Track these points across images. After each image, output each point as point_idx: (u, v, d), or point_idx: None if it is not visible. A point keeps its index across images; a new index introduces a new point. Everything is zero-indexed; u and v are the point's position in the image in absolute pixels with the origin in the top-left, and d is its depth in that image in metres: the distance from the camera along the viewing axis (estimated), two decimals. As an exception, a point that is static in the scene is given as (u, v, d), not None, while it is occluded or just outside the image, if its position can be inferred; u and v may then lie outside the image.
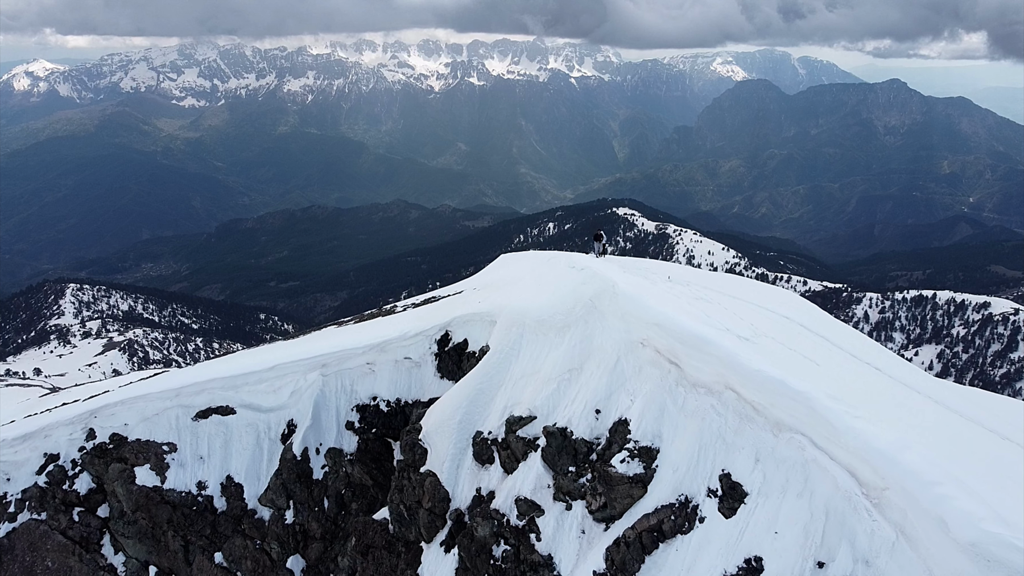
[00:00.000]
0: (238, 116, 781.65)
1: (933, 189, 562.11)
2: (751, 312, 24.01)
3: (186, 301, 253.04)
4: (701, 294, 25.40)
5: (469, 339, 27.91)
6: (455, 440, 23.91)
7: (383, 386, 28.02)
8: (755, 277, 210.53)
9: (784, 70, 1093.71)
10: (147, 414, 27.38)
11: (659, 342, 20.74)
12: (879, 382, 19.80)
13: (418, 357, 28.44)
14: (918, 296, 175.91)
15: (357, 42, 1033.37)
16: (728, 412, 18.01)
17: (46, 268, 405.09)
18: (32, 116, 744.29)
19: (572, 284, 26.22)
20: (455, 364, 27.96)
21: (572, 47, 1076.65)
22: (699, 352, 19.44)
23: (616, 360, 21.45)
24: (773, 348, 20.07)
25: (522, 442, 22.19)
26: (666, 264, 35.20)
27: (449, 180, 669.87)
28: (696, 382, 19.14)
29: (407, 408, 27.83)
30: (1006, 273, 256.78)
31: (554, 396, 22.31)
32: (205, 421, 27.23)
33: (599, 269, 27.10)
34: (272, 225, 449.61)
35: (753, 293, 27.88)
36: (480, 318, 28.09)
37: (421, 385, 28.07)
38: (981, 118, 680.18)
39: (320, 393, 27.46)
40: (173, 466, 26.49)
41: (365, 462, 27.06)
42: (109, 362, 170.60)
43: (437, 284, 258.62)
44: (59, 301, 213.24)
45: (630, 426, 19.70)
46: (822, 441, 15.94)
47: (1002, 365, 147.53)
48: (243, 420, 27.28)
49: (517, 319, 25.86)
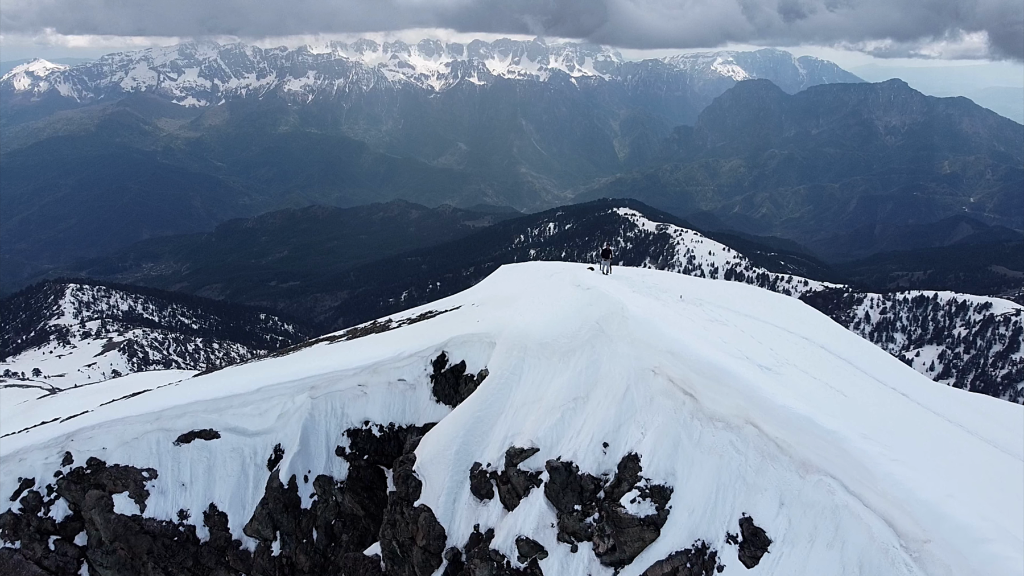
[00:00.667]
0: (238, 116, 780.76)
1: (934, 189, 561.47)
2: (769, 335, 22.40)
3: (186, 301, 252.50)
4: (716, 315, 23.78)
5: (467, 361, 26.37)
6: (451, 472, 22.34)
7: (376, 410, 26.42)
8: (756, 277, 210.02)
9: (785, 70, 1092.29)
10: (126, 438, 25.79)
11: (672, 370, 19.18)
12: (911, 414, 18.25)
13: (413, 379, 26.84)
14: (919, 297, 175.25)
15: (358, 42, 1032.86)
16: (749, 449, 16.46)
17: (46, 268, 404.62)
18: (32, 116, 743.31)
19: (577, 305, 24.64)
20: (452, 388, 26.38)
21: (573, 47, 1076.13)
22: (717, 383, 17.84)
23: (625, 389, 19.88)
24: (796, 378, 18.52)
25: (524, 476, 20.62)
26: (676, 277, 33.60)
27: (449, 180, 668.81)
28: (713, 415, 17.56)
29: (401, 433, 26.23)
30: (1007, 273, 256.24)
31: (558, 427, 20.73)
32: (187, 445, 25.69)
33: (606, 289, 25.43)
34: (272, 225, 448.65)
35: (768, 310, 26.31)
36: (478, 339, 26.57)
37: (416, 409, 26.46)
38: (982, 118, 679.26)
39: (309, 417, 25.88)
40: (153, 493, 24.97)
41: (356, 491, 25.48)
42: (109, 362, 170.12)
43: (437, 284, 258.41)
44: (59, 301, 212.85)
45: (641, 462, 18.12)
46: (855, 485, 14.40)
47: (1003, 366, 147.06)
48: (227, 444, 25.72)
49: (518, 341, 24.30)
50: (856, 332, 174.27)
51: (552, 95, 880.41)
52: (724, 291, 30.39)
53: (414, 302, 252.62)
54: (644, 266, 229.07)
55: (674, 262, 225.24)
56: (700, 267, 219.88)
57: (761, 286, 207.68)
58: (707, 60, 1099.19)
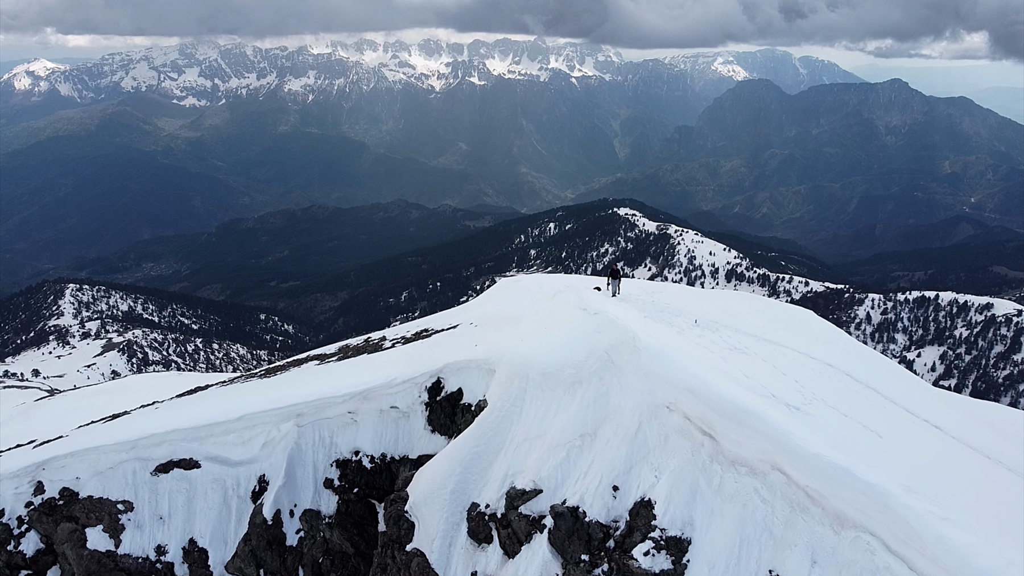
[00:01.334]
0: (239, 116, 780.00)
1: (934, 189, 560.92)
2: (793, 363, 20.83)
3: (186, 301, 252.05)
4: (734, 341, 22.12)
5: (464, 389, 24.56)
6: (447, 513, 20.62)
7: (366, 439, 24.65)
8: (756, 278, 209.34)
9: (785, 70, 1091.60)
10: (100, 468, 24.05)
11: (689, 407, 17.55)
12: (950, 454, 16.68)
13: (406, 407, 25.01)
14: (920, 297, 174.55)
15: (358, 42, 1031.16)
16: (776, 499, 14.86)
17: (46, 268, 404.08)
18: (33, 115, 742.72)
19: (584, 331, 22.82)
20: (448, 417, 24.57)
21: (573, 47, 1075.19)
22: (740, 425, 16.21)
23: (637, 426, 18.25)
24: (827, 418, 16.93)
25: (525, 520, 18.88)
26: (686, 292, 32.13)
27: (450, 180, 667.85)
28: (736, 459, 15.93)
29: (394, 465, 24.45)
30: (1008, 274, 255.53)
31: (563, 466, 19.03)
32: (166, 476, 23.96)
33: (615, 314, 23.57)
34: (273, 225, 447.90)
35: (786, 331, 24.81)
36: (477, 366, 24.73)
37: (409, 439, 24.69)
38: (983, 118, 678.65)
39: (295, 446, 24.15)
40: (129, 527, 23.19)
41: (345, 526, 23.70)
42: (108, 363, 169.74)
43: (437, 284, 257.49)
44: (58, 301, 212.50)
45: (655, 509, 16.47)
46: (898, 545, 12.88)
47: (1005, 367, 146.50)
48: (208, 475, 23.98)
49: (519, 370, 22.55)
50: (857, 333, 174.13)
51: (552, 95, 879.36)
52: (738, 307, 28.77)
53: (414, 302, 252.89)
54: (644, 267, 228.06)
55: (675, 262, 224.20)
56: (700, 267, 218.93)
57: (762, 286, 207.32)
58: (708, 60, 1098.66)
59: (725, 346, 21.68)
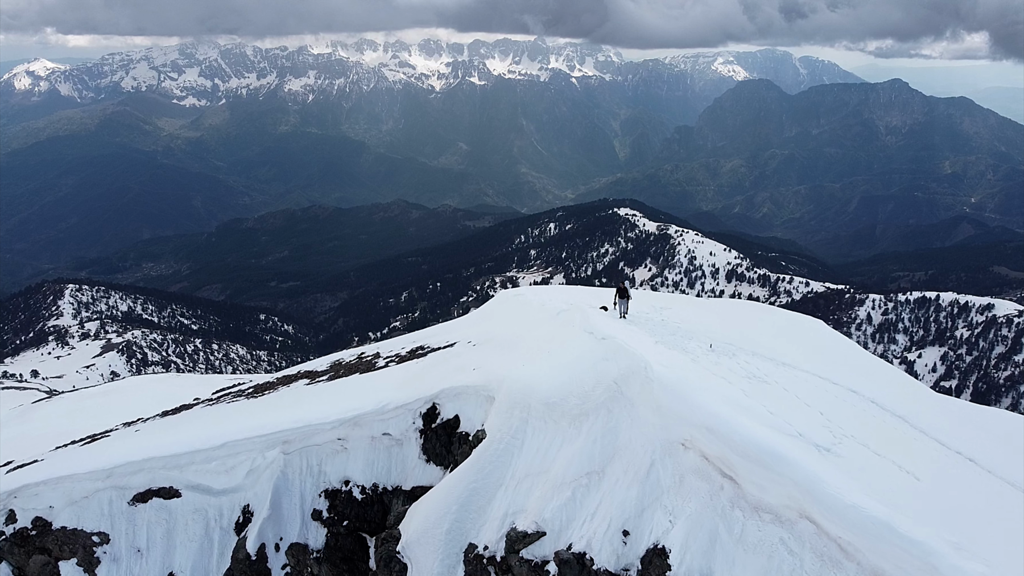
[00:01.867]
0: (239, 116, 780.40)
1: (935, 189, 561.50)
2: (816, 392, 19.43)
3: (186, 302, 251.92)
4: (753, 367, 20.65)
5: (461, 416, 23.02)
6: (442, 555, 19.10)
7: (357, 468, 23.17)
8: (757, 278, 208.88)
9: (785, 70, 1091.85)
10: (74, 496, 22.59)
11: (707, 446, 16.10)
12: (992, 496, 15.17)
13: (399, 434, 23.44)
14: (921, 298, 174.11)
15: (358, 42, 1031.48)
16: (805, 551, 13.44)
17: (46, 268, 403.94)
18: (33, 115, 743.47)
19: (591, 358, 21.28)
20: (444, 446, 23.06)
21: (573, 47, 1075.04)
22: (764, 468, 14.76)
23: (650, 465, 16.75)
24: (859, 459, 15.54)
25: (527, 566, 17.35)
26: (697, 308, 30.74)
27: (450, 180, 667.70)
28: (759, 505, 14.51)
29: (386, 496, 22.96)
30: (1009, 274, 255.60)
31: (568, 507, 17.56)
32: (144, 506, 22.47)
33: (625, 340, 21.95)
34: (273, 225, 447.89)
35: (800, 348, 23.47)
36: (475, 392, 23.12)
37: (403, 468, 23.21)
38: (983, 118, 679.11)
39: (281, 475, 22.69)
40: (105, 561, 21.68)
41: (335, 561, 22.15)
42: (107, 364, 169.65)
43: (437, 284, 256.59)
44: (58, 302, 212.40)
45: (670, 558, 14.98)
46: (949, 612, 11.40)
47: (1006, 368, 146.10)
48: (190, 505, 22.51)
49: (520, 399, 21.06)
50: (858, 334, 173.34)
51: (553, 95, 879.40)
52: (750, 322, 27.35)
53: (414, 302, 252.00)
54: (645, 267, 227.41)
55: (675, 263, 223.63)
56: (701, 268, 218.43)
57: (762, 287, 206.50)
58: (708, 60, 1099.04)
59: (744, 374, 20.26)
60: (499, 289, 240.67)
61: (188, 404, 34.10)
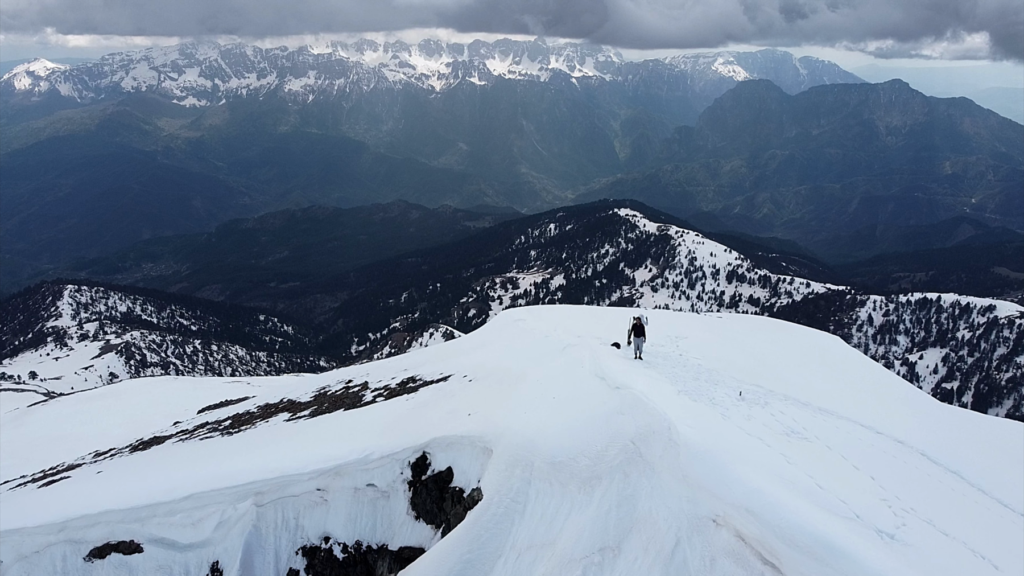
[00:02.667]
0: (239, 116, 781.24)
1: (935, 190, 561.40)
2: (860, 446, 18.15)
3: (185, 302, 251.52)
4: (788, 420, 19.08)
5: (455, 469, 20.79)
6: (433, 637, 17.22)
7: (338, 522, 21.27)
8: (757, 279, 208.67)
9: (786, 70, 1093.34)
10: (24, 551, 20.86)
11: (744, 525, 14.09)
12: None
13: (385, 485, 21.45)
14: (922, 299, 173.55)
15: (358, 42, 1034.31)
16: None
17: (46, 268, 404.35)
18: (33, 115, 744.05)
19: (604, 410, 18.89)
20: (435, 503, 20.85)
21: (573, 47, 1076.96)
22: (819, 564, 12.74)
23: (675, 543, 14.62)
24: (927, 545, 13.91)
25: (530, 656, 15.40)
26: (713, 333, 29.12)
27: (450, 180, 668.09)
28: None
29: (370, 556, 20.78)
30: (1010, 275, 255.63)
31: (579, 589, 15.62)
32: (101, 562, 20.58)
33: (643, 391, 19.39)
34: (272, 225, 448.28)
35: (830, 381, 22.81)
36: (470, 442, 20.74)
37: (389, 524, 21.18)
38: (983, 118, 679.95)
39: (254, 529, 20.98)
40: (58, 624, 20.05)
41: (313, 629, 20.41)
42: (106, 365, 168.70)
43: (437, 285, 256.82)
44: (57, 302, 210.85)
45: (703, 664, 13.22)
46: None
47: (1008, 369, 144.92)
48: (152, 561, 20.60)
49: (522, 455, 18.80)
50: (859, 335, 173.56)
51: (553, 95, 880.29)
52: (770, 345, 26.74)
53: (414, 303, 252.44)
54: (645, 268, 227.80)
55: (675, 263, 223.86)
56: (701, 268, 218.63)
57: (763, 288, 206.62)
58: (708, 60, 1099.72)
59: (781, 429, 18.31)
60: (499, 290, 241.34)
61: (160, 437, 32.40)
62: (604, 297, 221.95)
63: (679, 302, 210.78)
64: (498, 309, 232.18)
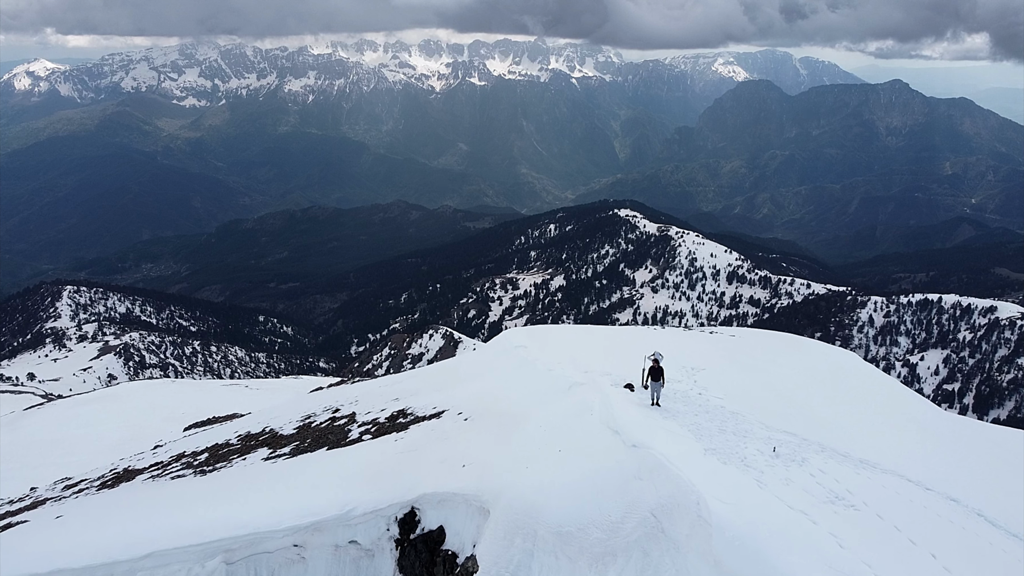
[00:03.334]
0: (239, 116, 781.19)
1: (935, 190, 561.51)
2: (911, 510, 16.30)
3: (184, 303, 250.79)
4: (830, 481, 16.92)
5: (447, 529, 18.67)
6: None
7: None
8: (758, 280, 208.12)
9: (786, 70, 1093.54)
10: None
11: None
12: None
13: (370, 543, 19.24)
14: (923, 300, 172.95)
15: (358, 42, 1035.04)
16: None
17: (46, 268, 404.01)
18: (33, 116, 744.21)
19: (619, 474, 16.62)
20: (424, 567, 18.67)
21: (573, 47, 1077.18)
22: None
23: None
24: None
25: None
26: (737, 363, 27.67)
27: (450, 180, 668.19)
28: None
29: None
30: (1010, 276, 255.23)
31: None
32: None
33: (664, 451, 16.95)
34: (272, 226, 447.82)
35: (863, 420, 21.98)
36: (464, 500, 18.55)
37: None
38: (983, 119, 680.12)
39: None
40: None
41: None
42: (105, 366, 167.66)
43: (437, 286, 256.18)
44: (55, 303, 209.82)
45: None
46: None
47: (1009, 370, 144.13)
48: None
49: (524, 521, 16.53)
50: (860, 336, 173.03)
51: (553, 95, 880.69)
52: (789, 371, 25.95)
53: (414, 304, 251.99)
54: (645, 268, 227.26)
55: (675, 264, 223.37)
56: (702, 269, 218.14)
57: (763, 288, 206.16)
58: (708, 61, 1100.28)
59: (824, 496, 15.99)
60: (499, 290, 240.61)
61: (132, 470, 30.01)
62: (604, 298, 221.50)
63: (679, 303, 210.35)
64: (498, 310, 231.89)
